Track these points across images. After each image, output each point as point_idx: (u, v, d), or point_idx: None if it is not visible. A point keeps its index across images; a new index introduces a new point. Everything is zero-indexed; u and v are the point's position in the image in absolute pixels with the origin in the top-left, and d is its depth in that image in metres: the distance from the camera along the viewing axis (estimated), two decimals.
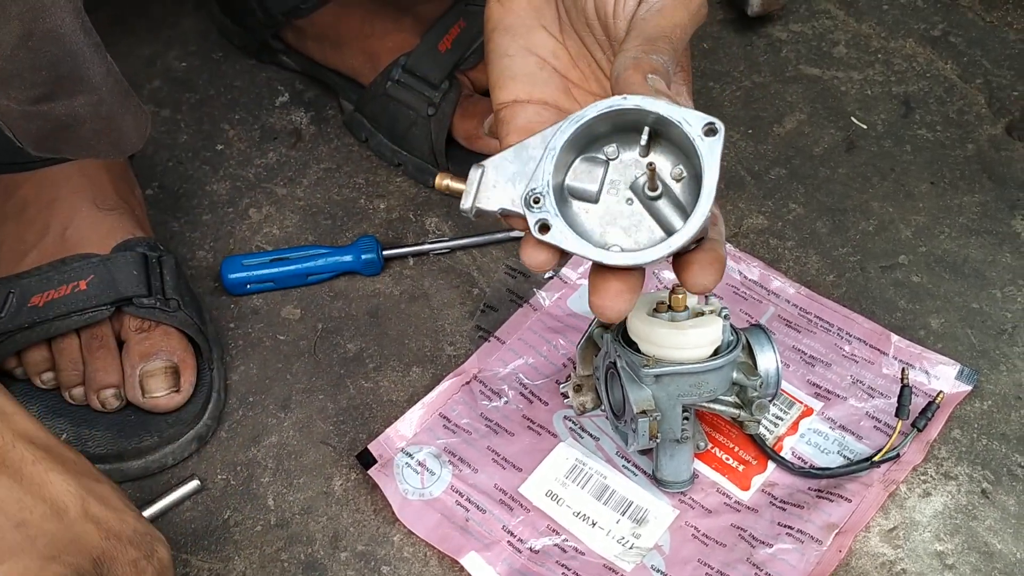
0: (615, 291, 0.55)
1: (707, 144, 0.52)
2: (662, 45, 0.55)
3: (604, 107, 0.54)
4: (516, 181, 0.56)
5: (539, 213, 0.55)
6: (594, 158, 0.57)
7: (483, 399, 0.81)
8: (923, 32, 1.09)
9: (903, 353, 0.83)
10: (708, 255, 0.56)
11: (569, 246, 0.54)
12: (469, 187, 0.57)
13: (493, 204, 0.56)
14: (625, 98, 0.54)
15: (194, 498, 0.78)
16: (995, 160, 0.98)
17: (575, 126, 0.55)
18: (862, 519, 0.74)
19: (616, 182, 0.56)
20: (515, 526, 0.74)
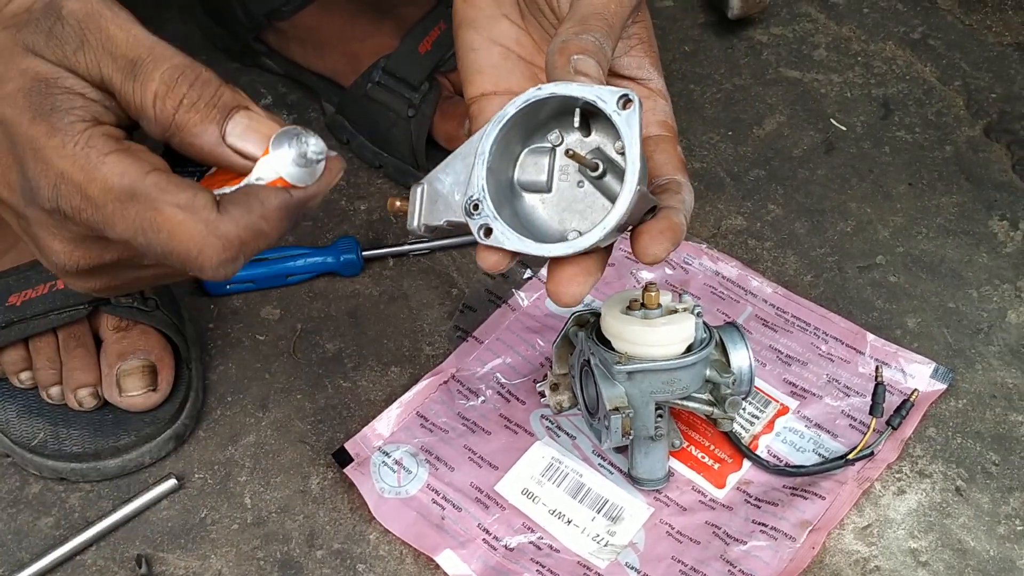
0: (568, 276, 0.55)
1: (623, 118, 0.52)
2: (594, 23, 0.55)
3: (521, 102, 0.55)
4: (456, 191, 0.57)
5: (480, 219, 0.55)
6: (540, 148, 0.57)
7: (461, 398, 0.82)
8: (903, 35, 1.09)
9: (879, 352, 0.83)
10: (660, 223, 0.56)
11: (511, 246, 0.55)
12: (412, 206, 0.58)
13: (438, 218, 0.57)
14: (539, 88, 0.54)
15: (171, 497, 0.78)
16: (973, 161, 0.98)
17: (498, 127, 0.55)
18: (836, 516, 0.74)
19: (565, 167, 0.57)
20: (490, 524, 0.74)
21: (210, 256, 0.47)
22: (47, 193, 0.47)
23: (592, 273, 0.55)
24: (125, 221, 0.47)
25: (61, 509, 0.78)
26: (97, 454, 0.78)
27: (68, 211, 0.47)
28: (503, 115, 0.55)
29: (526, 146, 0.58)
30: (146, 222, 0.47)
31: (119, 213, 0.47)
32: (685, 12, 1.13)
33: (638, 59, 0.61)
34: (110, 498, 0.78)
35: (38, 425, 0.79)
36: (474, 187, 0.56)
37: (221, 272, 0.48)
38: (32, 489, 0.79)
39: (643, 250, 0.56)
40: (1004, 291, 0.88)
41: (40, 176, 0.47)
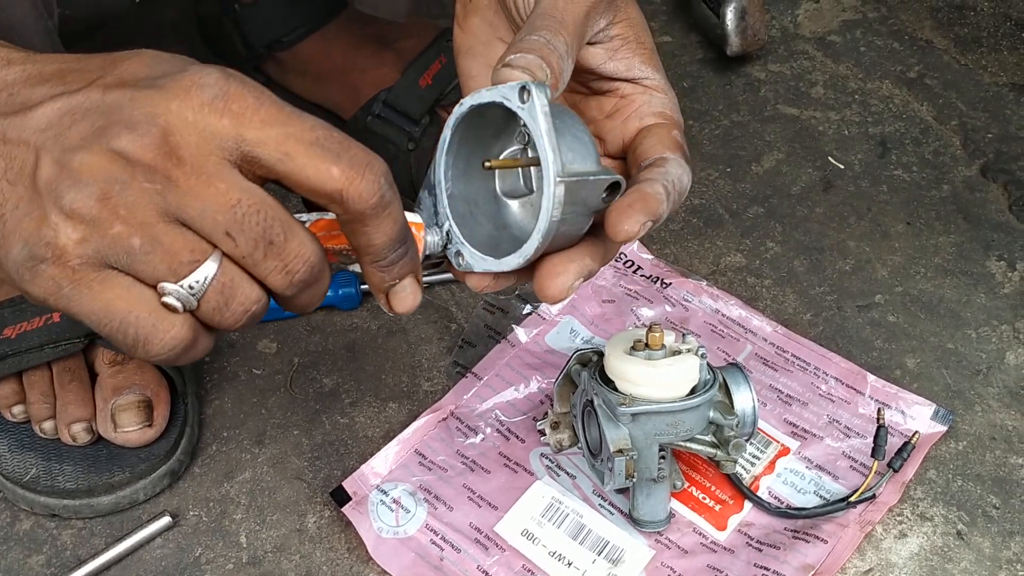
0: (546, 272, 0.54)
1: (526, 110, 0.51)
2: (539, 23, 0.54)
3: (452, 122, 0.55)
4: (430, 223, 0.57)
5: (453, 247, 0.56)
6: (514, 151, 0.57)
7: (459, 436, 0.81)
8: (899, 74, 1.10)
9: (879, 393, 0.83)
10: (628, 197, 0.53)
11: (478, 267, 0.55)
12: None
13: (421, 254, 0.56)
14: (461, 104, 0.54)
15: (165, 535, 0.77)
16: (970, 201, 0.99)
17: (443, 154, 0.55)
18: (838, 560, 0.74)
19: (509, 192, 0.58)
20: (490, 566, 0.74)
21: None
22: (142, 113, 0.46)
23: (574, 260, 0.54)
24: None
25: (53, 547, 0.76)
26: (90, 490, 0.77)
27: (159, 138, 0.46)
28: (443, 140, 0.55)
29: (499, 153, 0.57)
30: None
31: None
32: (684, 48, 1.13)
33: (626, 60, 0.59)
34: (103, 535, 0.77)
35: (30, 460, 0.78)
36: (442, 217, 0.56)
37: None
38: (23, 526, 0.77)
39: (611, 228, 0.52)
40: (1002, 332, 0.88)
41: (147, 97, 0.47)
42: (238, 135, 0.45)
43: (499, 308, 0.90)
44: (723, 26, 1.07)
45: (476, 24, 0.62)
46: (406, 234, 0.50)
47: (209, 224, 0.45)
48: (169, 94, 0.45)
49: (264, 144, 0.45)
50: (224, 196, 0.45)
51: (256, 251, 0.46)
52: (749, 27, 1.07)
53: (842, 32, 1.15)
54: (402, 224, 0.49)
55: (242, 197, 0.45)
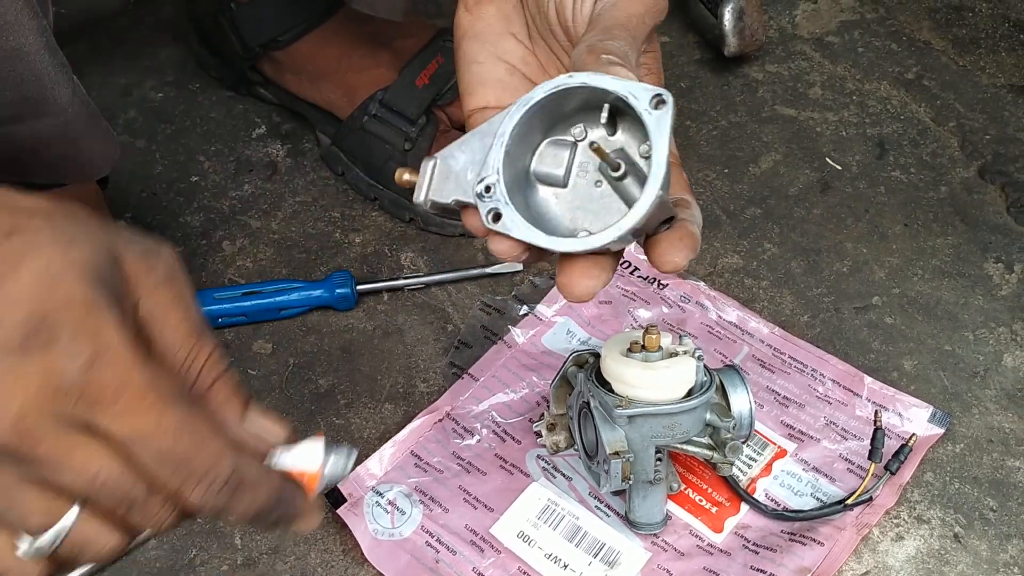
0: (581, 270, 0.53)
1: (655, 117, 0.50)
2: (618, 33, 0.54)
3: (551, 87, 0.52)
4: (469, 170, 0.53)
5: (490, 202, 0.52)
6: (562, 140, 0.55)
7: (455, 437, 0.81)
8: (897, 75, 1.10)
9: (876, 395, 0.83)
10: (679, 231, 0.54)
11: (519, 234, 0.52)
12: (421, 180, 0.55)
13: (446, 196, 0.54)
14: (571, 76, 0.52)
15: (160, 536, 0.76)
16: (968, 203, 0.98)
17: (523, 110, 0.52)
18: (835, 563, 0.73)
19: (585, 164, 0.54)
20: (486, 568, 0.73)
21: None
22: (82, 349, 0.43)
23: (605, 270, 0.53)
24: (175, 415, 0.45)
25: None
26: None
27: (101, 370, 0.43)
28: (529, 98, 0.53)
29: (547, 136, 0.55)
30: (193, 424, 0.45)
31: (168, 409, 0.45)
32: (681, 48, 1.13)
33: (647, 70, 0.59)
34: None
35: None
36: (489, 169, 0.52)
37: None
38: None
39: (661, 257, 0.54)
40: (1000, 334, 0.88)
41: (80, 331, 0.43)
42: (91, 420, 0.43)
43: (496, 309, 0.90)
44: (721, 26, 1.06)
45: (490, 13, 0.61)
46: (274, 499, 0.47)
47: (68, 488, 0.44)
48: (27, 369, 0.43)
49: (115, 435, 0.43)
50: (83, 465, 0.43)
51: (118, 508, 0.45)
52: (747, 27, 1.07)
53: (840, 33, 1.15)
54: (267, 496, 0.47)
55: (101, 466, 0.44)
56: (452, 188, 0.54)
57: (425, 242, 0.95)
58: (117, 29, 1.13)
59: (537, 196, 0.55)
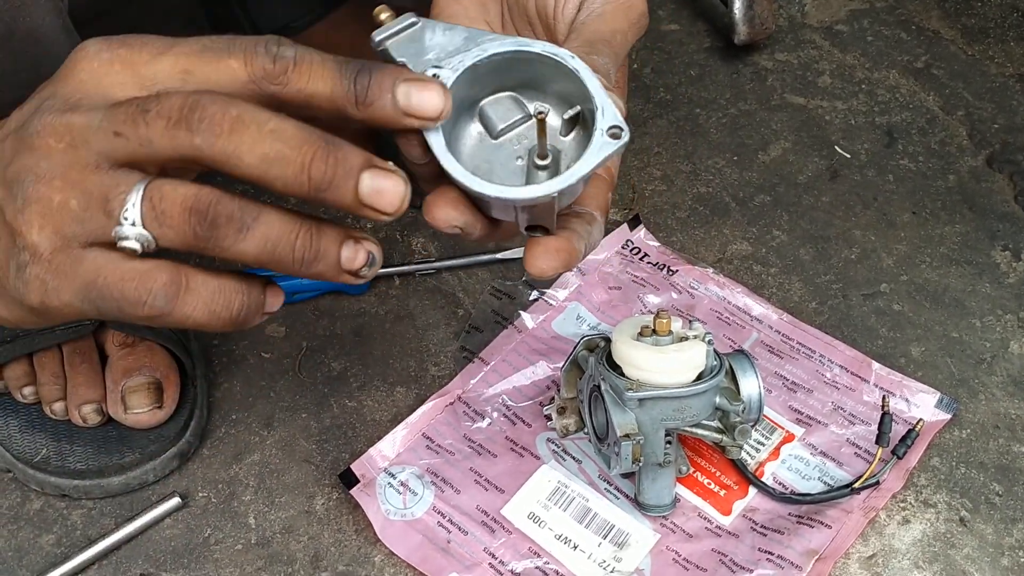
0: (449, 199, 0.52)
1: (602, 141, 0.51)
2: (602, 48, 0.55)
3: (550, 50, 0.52)
4: (433, 52, 0.52)
5: None
6: (520, 102, 0.54)
7: (466, 420, 0.81)
8: (906, 64, 1.10)
9: (884, 381, 0.83)
10: (559, 241, 0.54)
11: (427, 133, 0.51)
12: (393, 25, 0.53)
13: (399, 54, 0.53)
14: (573, 57, 0.52)
15: (175, 515, 0.77)
16: (976, 191, 0.99)
17: (517, 48, 0.52)
18: (842, 546, 0.74)
19: (522, 136, 0.54)
20: (497, 548, 0.74)
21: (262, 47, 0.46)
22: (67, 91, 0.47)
23: (468, 214, 0.52)
24: None
25: (63, 526, 0.77)
26: (101, 471, 0.77)
27: None
28: (528, 44, 0.52)
29: (511, 91, 0.55)
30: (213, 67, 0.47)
31: None
32: (691, 36, 1.14)
33: None
34: (113, 516, 0.77)
35: (41, 441, 0.78)
36: (450, 64, 0.52)
37: None
38: (33, 505, 0.78)
39: (532, 260, 0.53)
40: (1007, 321, 0.89)
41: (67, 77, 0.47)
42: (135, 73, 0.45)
43: (506, 294, 0.90)
44: (731, 15, 1.07)
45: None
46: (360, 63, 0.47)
47: (124, 145, 0.44)
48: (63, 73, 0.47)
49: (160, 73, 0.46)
50: (124, 110, 0.44)
51: (172, 132, 0.44)
52: (757, 16, 1.07)
53: (849, 22, 1.15)
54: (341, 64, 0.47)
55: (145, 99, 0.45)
56: (410, 53, 0.53)
57: None
58: (128, 16, 1.13)
59: (465, 127, 0.54)
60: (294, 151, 0.45)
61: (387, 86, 0.48)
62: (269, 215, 0.46)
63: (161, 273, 0.45)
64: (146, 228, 0.45)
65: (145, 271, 0.45)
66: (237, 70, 0.46)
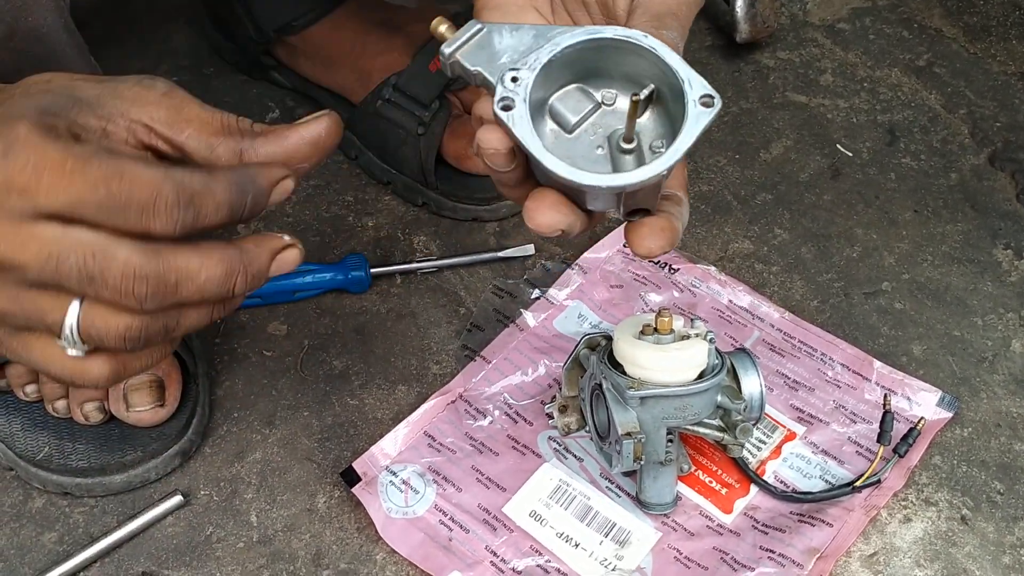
0: (551, 202, 0.53)
1: (697, 112, 0.51)
2: (670, 22, 0.54)
3: (623, 34, 0.52)
4: (507, 54, 0.53)
5: (510, 92, 0.52)
6: (589, 93, 0.55)
7: (468, 418, 0.82)
8: (908, 62, 1.10)
9: (885, 379, 0.83)
10: (661, 221, 0.54)
11: (519, 131, 0.51)
12: (460, 35, 0.54)
13: (473, 62, 0.54)
14: (647, 36, 0.52)
15: (177, 513, 0.77)
16: (978, 190, 0.99)
17: (589, 36, 0.52)
18: (843, 544, 0.74)
19: (597, 125, 0.55)
20: (498, 546, 0.74)
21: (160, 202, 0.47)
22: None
23: (572, 215, 0.53)
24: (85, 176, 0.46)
25: (65, 524, 0.77)
26: (103, 469, 0.77)
27: (15, 169, 0.46)
28: (598, 31, 0.53)
29: (577, 82, 0.55)
30: (110, 173, 0.46)
31: (79, 170, 0.46)
32: (693, 35, 1.13)
33: None
34: (115, 514, 0.78)
35: (43, 439, 0.78)
36: (527, 63, 0.52)
37: None
38: (36, 503, 0.78)
39: (640, 241, 0.54)
40: (1008, 320, 0.89)
41: None
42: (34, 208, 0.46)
43: (508, 293, 0.90)
44: (733, 13, 1.07)
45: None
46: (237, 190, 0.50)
47: (52, 276, 0.47)
48: None
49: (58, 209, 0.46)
50: (36, 254, 0.46)
51: (90, 289, 0.47)
52: (759, 14, 1.07)
53: (851, 20, 1.15)
54: None
55: (51, 249, 0.46)
56: (483, 60, 0.53)
57: (438, 226, 0.96)
58: (131, 13, 1.13)
59: (540, 127, 0.55)
60: None
61: None
62: (197, 299, 0.51)
63: (100, 366, 0.50)
64: (86, 344, 0.49)
65: (82, 366, 0.50)
66: None
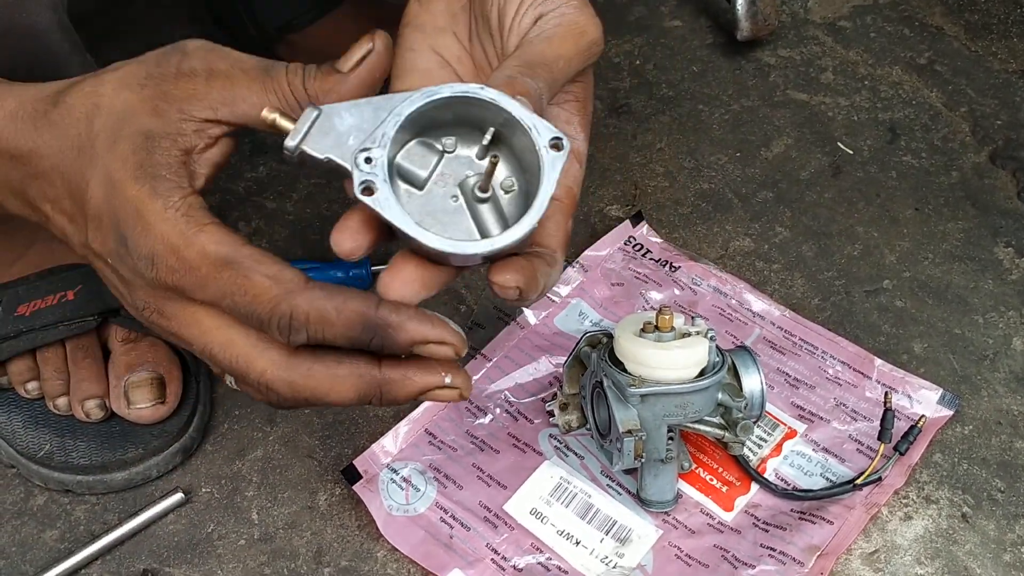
0: (408, 276, 0.53)
1: (550, 157, 0.51)
2: (540, 71, 0.55)
3: (460, 90, 0.52)
4: (353, 135, 0.52)
5: (367, 175, 0.50)
6: (430, 144, 0.54)
7: (469, 416, 0.82)
8: (909, 60, 1.10)
9: (886, 377, 0.83)
10: (523, 260, 0.54)
11: (390, 214, 0.50)
12: (300, 126, 0.52)
13: (321, 151, 0.52)
14: (483, 88, 0.51)
15: (178, 511, 0.78)
16: (979, 188, 0.99)
17: (427, 100, 0.51)
18: (844, 542, 0.74)
19: (446, 176, 0.54)
20: (499, 544, 0.74)
21: (273, 321, 0.51)
22: (144, 251, 0.51)
23: (429, 285, 0.53)
24: (217, 284, 0.51)
25: (66, 522, 0.77)
26: (104, 466, 0.78)
27: (162, 270, 0.52)
28: (436, 91, 0.51)
29: (418, 136, 0.54)
30: (235, 286, 0.51)
31: (212, 276, 0.51)
32: (694, 33, 1.14)
33: (567, 114, 0.60)
34: (116, 511, 0.78)
35: (44, 436, 0.78)
36: (376, 141, 0.51)
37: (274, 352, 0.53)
38: (37, 501, 0.78)
39: (497, 271, 0.53)
40: (1010, 318, 0.89)
41: (139, 236, 0.51)
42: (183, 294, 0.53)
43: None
44: (734, 11, 1.07)
45: (439, 8, 0.61)
46: None
47: None
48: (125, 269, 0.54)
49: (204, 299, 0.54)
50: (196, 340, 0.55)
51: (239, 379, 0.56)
52: (760, 12, 1.07)
53: (852, 18, 1.15)
54: None
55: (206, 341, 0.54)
56: (330, 146, 0.52)
57: None
58: (132, 11, 1.13)
59: (396, 191, 0.53)
60: None
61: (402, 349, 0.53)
62: None
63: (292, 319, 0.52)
64: None
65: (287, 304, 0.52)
66: None
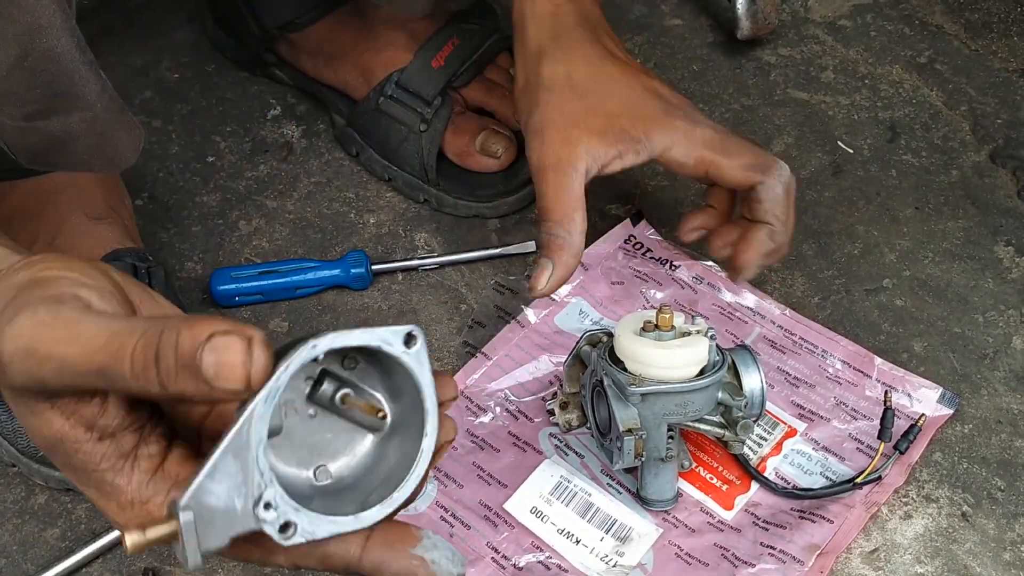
0: None
1: (412, 356, 0.47)
2: None
3: (296, 366, 0.44)
4: (236, 497, 0.44)
5: (278, 517, 0.44)
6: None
7: (469, 415, 0.82)
8: (909, 59, 1.10)
9: (886, 376, 0.83)
10: None
11: (324, 531, 0.45)
12: (184, 540, 0.43)
13: (221, 539, 0.44)
14: (314, 346, 0.44)
15: None
16: (979, 186, 0.99)
17: (269, 407, 0.44)
18: (844, 541, 0.74)
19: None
20: (499, 542, 0.75)
21: None
22: None
23: None
24: None
25: (67, 520, 0.77)
26: None
27: None
28: (275, 388, 0.43)
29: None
30: None
31: None
32: (694, 31, 1.14)
33: None
34: None
35: None
36: (259, 484, 0.44)
37: None
38: (38, 500, 0.78)
39: None
40: (1009, 317, 0.89)
41: None
42: None
43: (509, 289, 0.91)
44: (734, 10, 1.07)
45: None
46: None
47: None
48: None
49: None
50: None
51: None
52: (760, 11, 1.07)
53: (852, 17, 1.15)
54: None
55: None
56: (225, 527, 0.44)
57: (439, 223, 0.96)
58: (131, 10, 1.13)
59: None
60: None
61: None
62: None
63: None
64: None
65: None
66: None
